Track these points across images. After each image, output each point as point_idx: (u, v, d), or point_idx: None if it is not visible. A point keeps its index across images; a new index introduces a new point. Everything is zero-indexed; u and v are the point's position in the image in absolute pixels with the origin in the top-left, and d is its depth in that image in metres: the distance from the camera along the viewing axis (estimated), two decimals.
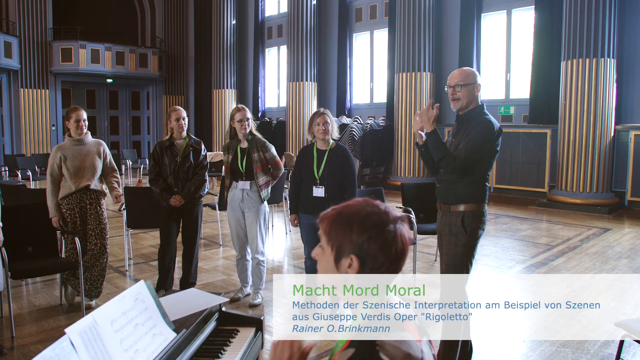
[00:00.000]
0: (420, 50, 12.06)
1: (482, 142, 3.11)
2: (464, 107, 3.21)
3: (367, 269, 1.24)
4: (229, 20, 17.68)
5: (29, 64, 17.59)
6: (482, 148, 3.12)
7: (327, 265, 1.29)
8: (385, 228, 1.24)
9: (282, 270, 5.97)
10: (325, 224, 1.30)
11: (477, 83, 3.19)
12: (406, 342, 1.17)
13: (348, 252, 1.24)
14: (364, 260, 1.23)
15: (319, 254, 1.32)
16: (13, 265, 4.04)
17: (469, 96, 3.18)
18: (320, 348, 3.79)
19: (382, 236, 1.23)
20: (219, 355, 2.14)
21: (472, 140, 3.10)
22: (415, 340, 1.19)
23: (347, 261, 1.25)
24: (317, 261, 1.33)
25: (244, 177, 4.59)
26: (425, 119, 3.14)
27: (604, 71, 9.40)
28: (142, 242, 7.19)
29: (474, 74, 3.21)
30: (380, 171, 13.65)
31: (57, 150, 4.55)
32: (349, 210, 1.28)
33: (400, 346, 1.15)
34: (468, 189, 3.17)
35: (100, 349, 1.61)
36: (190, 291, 2.62)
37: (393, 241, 1.24)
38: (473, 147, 3.09)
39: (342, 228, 1.25)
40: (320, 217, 1.32)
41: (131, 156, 16.69)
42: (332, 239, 1.27)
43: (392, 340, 1.15)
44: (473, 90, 3.17)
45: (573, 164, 9.72)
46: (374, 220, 1.24)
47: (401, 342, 1.16)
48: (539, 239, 7.44)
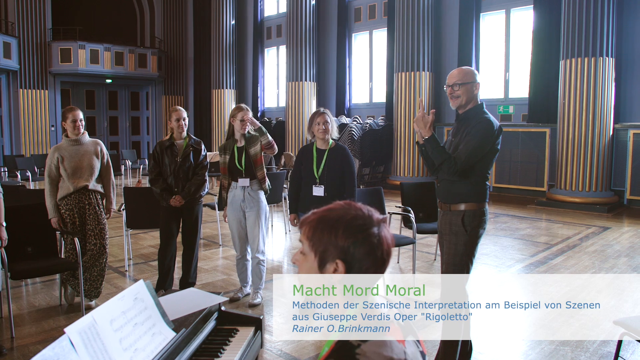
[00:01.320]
0: (419, 50, 12.07)
1: (482, 142, 3.10)
2: (463, 105, 3.21)
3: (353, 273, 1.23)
4: (228, 21, 17.68)
5: (28, 64, 17.59)
6: (483, 148, 3.12)
7: (310, 271, 1.27)
8: (370, 231, 1.22)
9: (281, 270, 5.97)
10: (306, 228, 1.27)
11: (475, 82, 3.19)
12: (388, 345, 1.15)
13: (333, 257, 1.22)
14: (350, 264, 1.21)
15: (300, 259, 1.29)
16: (12, 265, 4.04)
17: (468, 94, 3.18)
18: (320, 347, 3.80)
19: (368, 240, 1.21)
20: (218, 354, 2.14)
21: (472, 141, 3.09)
22: (397, 342, 1.18)
23: (332, 266, 1.23)
24: (298, 266, 1.30)
25: (244, 174, 4.59)
26: (422, 125, 3.11)
27: (602, 70, 9.40)
28: (141, 242, 7.19)
29: (472, 73, 3.21)
30: (379, 171, 13.66)
31: (54, 151, 4.55)
32: (332, 214, 1.25)
33: (382, 351, 1.13)
34: (468, 188, 3.17)
35: (99, 348, 1.62)
36: (189, 291, 2.62)
37: (378, 244, 1.22)
38: (473, 147, 3.09)
39: (326, 233, 1.23)
40: (301, 221, 1.30)
41: (131, 156, 16.68)
42: (316, 244, 1.24)
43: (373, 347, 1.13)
44: (472, 88, 3.18)
45: (572, 163, 9.73)
46: (358, 224, 1.22)
47: (383, 347, 1.14)
48: (538, 238, 7.45)
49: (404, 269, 5.82)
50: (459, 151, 3.12)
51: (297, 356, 3.66)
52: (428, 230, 5.59)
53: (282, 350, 3.76)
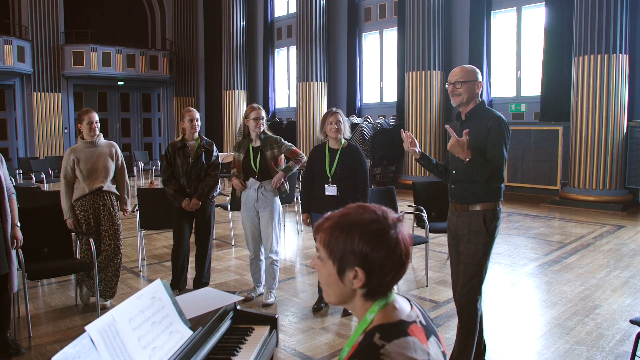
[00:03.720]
0: (430, 49, 12.04)
1: (506, 140, 3.13)
2: (464, 103, 3.21)
3: (373, 278, 1.20)
4: (239, 22, 17.74)
5: (42, 68, 17.77)
6: (507, 145, 3.15)
7: (330, 277, 1.24)
8: (387, 235, 1.19)
9: (294, 270, 5.99)
10: (322, 235, 1.24)
11: (477, 80, 3.20)
12: (412, 347, 1.13)
13: (352, 264, 1.19)
14: (370, 270, 1.19)
15: (318, 265, 1.27)
16: (29, 266, 4.09)
17: (469, 93, 3.18)
18: (333, 346, 3.81)
19: (386, 244, 1.18)
20: (234, 352, 2.15)
21: (498, 142, 3.10)
22: (421, 343, 1.16)
23: (351, 273, 1.20)
24: (317, 272, 1.28)
25: (258, 176, 4.61)
26: (459, 150, 3.02)
27: (615, 67, 9.33)
28: (154, 243, 7.24)
29: (474, 72, 3.22)
30: (391, 170, 13.64)
31: (70, 153, 4.60)
32: (346, 220, 1.22)
33: (406, 352, 1.12)
34: (485, 188, 3.16)
35: (119, 347, 1.64)
36: (205, 290, 2.64)
37: (397, 246, 1.19)
38: (502, 148, 3.10)
39: (342, 240, 1.20)
40: (315, 227, 1.27)
41: (143, 158, 16.80)
42: (333, 251, 1.21)
43: (397, 347, 1.12)
44: (473, 87, 3.19)
45: (586, 161, 9.65)
46: (375, 228, 1.19)
47: (406, 348, 1.13)
48: (551, 237, 7.40)
49: (416, 268, 5.81)
50: (492, 157, 3.09)
51: (310, 355, 3.67)
52: (440, 229, 5.57)
53: (295, 349, 3.77)
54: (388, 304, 1.24)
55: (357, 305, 1.26)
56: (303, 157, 4.73)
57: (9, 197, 3.77)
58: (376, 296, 1.24)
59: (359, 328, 1.24)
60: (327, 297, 1.30)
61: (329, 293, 1.28)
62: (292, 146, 4.72)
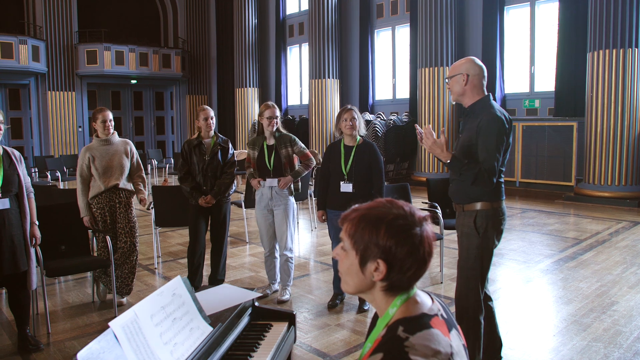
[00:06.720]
0: (442, 45, 11.98)
1: (498, 140, 2.91)
2: (458, 97, 3.07)
3: (394, 273, 1.21)
4: (251, 19, 17.78)
5: (56, 67, 17.95)
6: (500, 146, 2.93)
7: (351, 267, 1.26)
8: (412, 231, 1.21)
9: (308, 267, 6.00)
10: (348, 225, 1.26)
11: (462, 73, 3.00)
12: (435, 339, 1.15)
13: (374, 256, 1.21)
14: (391, 264, 1.20)
15: (341, 255, 1.29)
16: (47, 263, 4.15)
17: (457, 86, 3.03)
18: (349, 343, 3.82)
19: (410, 240, 1.20)
20: (254, 348, 2.17)
21: (489, 143, 2.90)
22: (443, 336, 1.17)
23: (373, 265, 1.22)
24: (339, 261, 1.30)
25: (272, 174, 4.63)
26: (438, 151, 2.90)
27: (631, 62, 9.23)
28: (170, 240, 7.29)
29: (459, 65, 3.04)
30: (404, 167, 13.61)
31: (85, 151, 4.65)
32: (373, 212, 1.24)
33: (430, 344, 1.13)
34: (479, 187, 2.98)
35: (142, 342, 1.66)
36: (223, 286, 2.66)
37: (420, 244, 1.21)
38: (493, 150, 2.90)
39: (367, 231, 1.22)
40: (342, 218, 1.29)
41: (156, 156, 16.90)
42: (357, 242, 1.23)
43: (421, 339, 1.13)
44: (460, 80, 3.01)
45: (601, 157, 9.56)
46: (400, 223, 1.21)
47: (430, 340, 1.14)
48: (567, 233, 7.35)
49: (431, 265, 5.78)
50: (483, 160, 2.91)
51: (326, 352, 3.68)
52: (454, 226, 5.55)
53: (311, 346, 3.79)
54: (410, 298, 1.26)
55: (377, 299, 1.28)
56: (313, 162, 4.75)
57: (28, 196, 3.83)
58: (398, 291, 1.25)
59: (380, 322, 1.26)
60: (344, 285, 1.31)
61: (347, 282, 1.30)
62: (305, 149, 4.73)
